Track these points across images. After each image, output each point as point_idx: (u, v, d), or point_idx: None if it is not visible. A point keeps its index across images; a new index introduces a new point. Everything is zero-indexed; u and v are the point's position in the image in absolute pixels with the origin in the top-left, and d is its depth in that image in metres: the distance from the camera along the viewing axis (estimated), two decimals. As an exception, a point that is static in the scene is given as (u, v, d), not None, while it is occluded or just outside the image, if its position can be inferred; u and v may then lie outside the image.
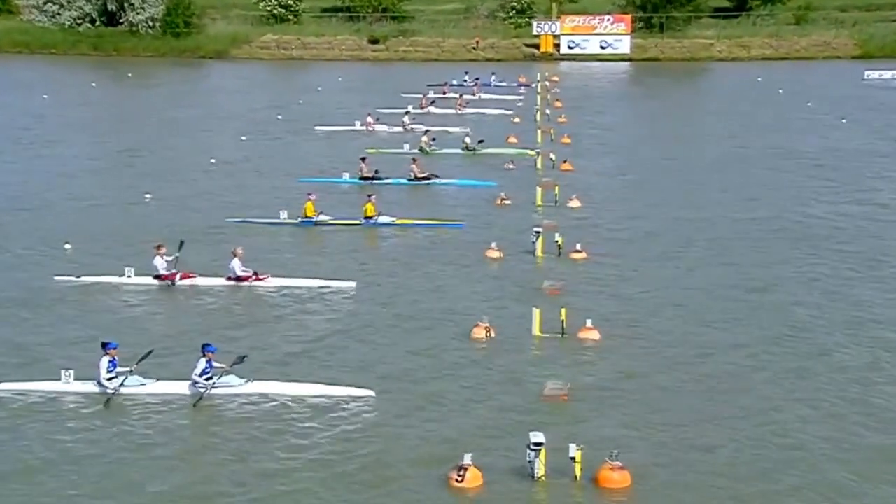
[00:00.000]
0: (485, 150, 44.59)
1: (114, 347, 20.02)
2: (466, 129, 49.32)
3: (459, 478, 16.40)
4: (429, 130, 47.44)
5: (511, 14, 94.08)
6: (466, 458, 16.54)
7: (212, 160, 43.30)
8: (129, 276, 26.73)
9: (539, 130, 50.33)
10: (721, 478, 16.76)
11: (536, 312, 22.82)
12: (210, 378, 19.70)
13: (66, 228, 32.02)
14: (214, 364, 19.82)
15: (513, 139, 47.80)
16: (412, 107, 56.31)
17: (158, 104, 62.85)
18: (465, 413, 19.07)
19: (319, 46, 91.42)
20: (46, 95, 65.64)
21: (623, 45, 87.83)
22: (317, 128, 51.87)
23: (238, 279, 26.47)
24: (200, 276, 26.75)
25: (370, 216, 32.38)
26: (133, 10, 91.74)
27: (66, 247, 29.94)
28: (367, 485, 16.59)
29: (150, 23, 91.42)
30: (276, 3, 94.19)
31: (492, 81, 68.97)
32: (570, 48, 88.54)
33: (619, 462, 16.47)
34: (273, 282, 26.48)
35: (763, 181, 39.50)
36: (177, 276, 26.47)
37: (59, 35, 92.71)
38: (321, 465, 17.19)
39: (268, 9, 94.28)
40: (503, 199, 35.23)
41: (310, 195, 32.95)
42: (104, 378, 19.75)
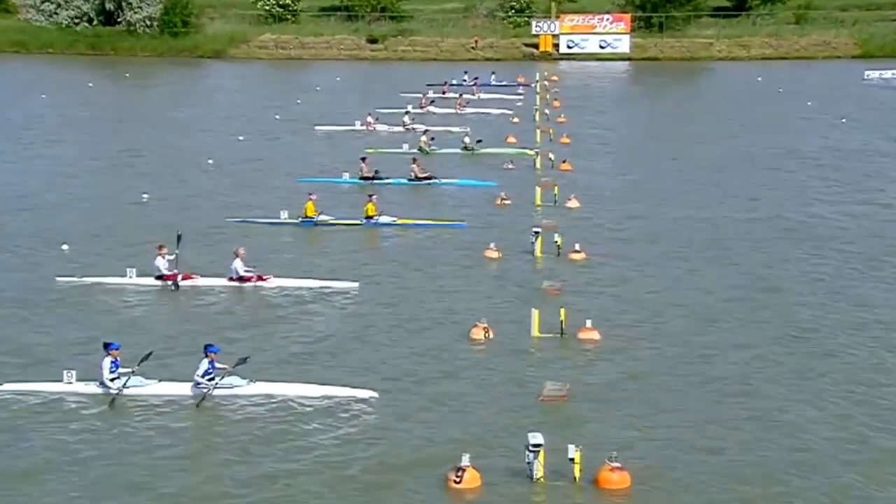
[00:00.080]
0: (484, 150, 44.61)
1: (116, 348, 20.05)
2: (467, 129, 49.35)
3: (457, 479, 16.38)
4: (428, 130, 47.46)
5: (510, 13, 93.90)
6: (465, 459, 16.51)
7: (209, 161, 43.29)
8: (131, 277, 26.75)
9: (538, 130, 50.33)
10: (722, 479, 16.74)
11: (535, 313, 22.84)
12: (213, 379, 19.72)
13: (67, 229, 32.04)
14: (217, 365, 19.85)
15: (512, 139, 47.81)
16: (412, 106, 56.30)
17: (156, 104, 62.78)
18: (464, 414, 19.08)
19: (318, 46, 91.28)
20: (44, 95, 65.61)
21: (622, 45, 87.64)
22: (317, 128, 51.84)
23: (240, 279, 26.49)
24: (202, 277, 26.76)
25: (371, 216, 32.44)
26: (131, 10, 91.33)
27: (64, 247, 29.93)
28: (366, 486, 16.60)
29: (148, 22, 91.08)
30: (275, 3, 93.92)
31: (491, 81, 68.93)
32: (570, 48, 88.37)
33: (619, 463, 16.44)
34: (275, 282, 26.50)
35: (764, 181, 39.48)
36: (178, 277, 26.45)
37: (57, 34, 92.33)
38: (322, 466, 17.21)
39: (266, 8, 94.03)
40: (503, 199, 35.26)
41: (311, 195, 32.98)
42: (107, 379, 19.78)
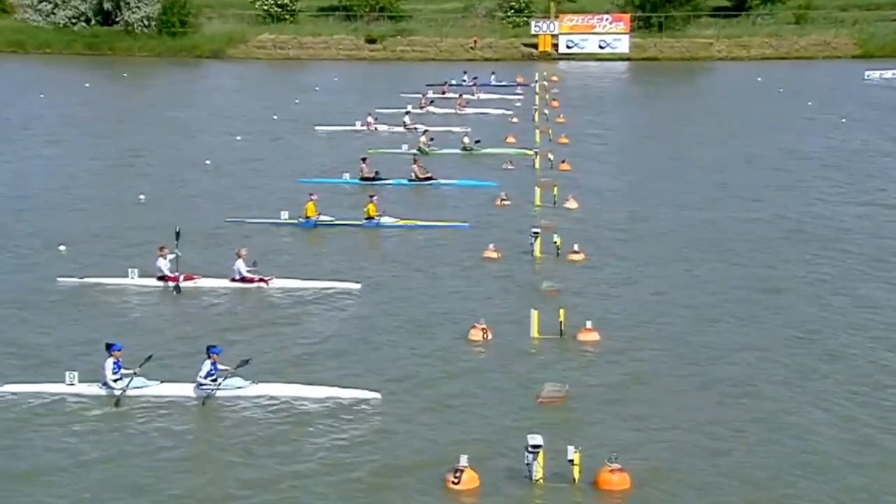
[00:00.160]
0: (483, 150, 44.66)
1: (118, 349, 20.07)
2: (467, 130, 49.37)
3: (456, 480, 16.38)
4: (427, 131, 47.49)
5: (509, 13, 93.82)
6: (463, 460, 16.51)
7: (206, 161, 43.28)
8: (133, 278, 26.75)
9: (537, 130, 50.33)
10: (723, 480, 16.74)
11: (535, 314, 22.85)
12: (216, 380, 19.74)
13: (67, 229, 32.07)
14: (219, 366, 19.87)
15: (511, 139, 47.86)
16: (412, 107, 56.34)
17: (155, 104, 62.70)
18: (464, 415, 19.08)
19: (316, 46, 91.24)
20: (42, 95, 65.58)
21: (622, 45, 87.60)
22: (317, 128, 51.83)
23: (243, 280, 26.51)
24: (204, 278, 26.77)
25: (372, 217, 32.48)
26: (128, 10, 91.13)
27: (61, 248, 29.92)
28: (366, 486, 16.62)
29: (146, 22, 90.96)
30: (273, 3, 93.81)
31: (491, 81, 68.94)
32: (569, 48, 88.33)
33: (619, 464, 16.42)
34: (277, 283, 26.51)
35: (764, 181, 39.45)
36: (180, 278, 26.46)
37: (54, 34, 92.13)
38: (324, 467, 17.24)
39: (264, 8, 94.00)
40: (503, 200, 35.28)
41: (311, 195, 33.02)
42: (111, 379, 19.81)
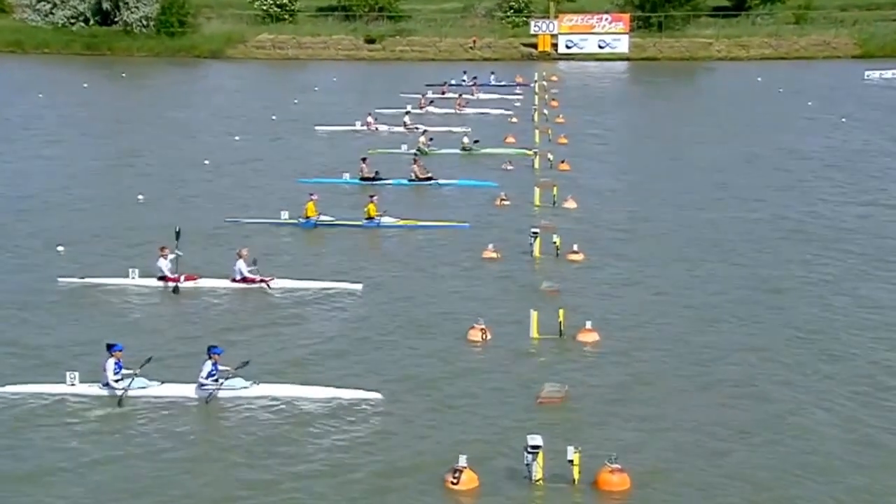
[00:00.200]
0: (483, 150, 44.68)
1: (119, 349, 20.07)
2: (468, 130, 49.38)
3: (454, 480, 16.38)
4: (426, 131, 47.51)
5: (508, 13, 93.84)
6: (462, 461, 16.50)
7: (205, 161, 43.29)
8: (133, 278, 26.75)
9: (537, 130, 50.34)
10: (724, 481, 16.73)
11: (534, 314, 22.86)
12: (217, 380, 19.76)
13: (67, 229, 32.07)
14: (219, 367, 19.88)
15: (511, 139, 47.89)
16: (411, 107, 56.37)
17: (154, 104, 62.70)
18: (464, 415, 19.08)
19: (315, 46, 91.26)
20: (41, 95, 65.57)
21: (621, 45, 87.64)
22: (317, 128, 51.83)
23: (244, 280, 26.51)
24: (204, 278, 26.76)
25: (372, 217, 32.51)
26: (127, 10, 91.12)
27: (59, 249, 29.90)
28: (366, 487, 16.63)
29: (145, 22, 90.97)
30: (272, 3, 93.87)
31: (491, 81, 68.94)
32: (568, 47, 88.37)
33: (619, 465, 16.41)
34: (278, 283, 26.49)
35: (764, 181, 39.43)
36: (181, 278, 26.46)
37: (53, 34, 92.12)
38: (325, 468, 17.27)
39: (263, 8, 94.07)
40: (502, 200, 35.30)
41: (312, 195, 33.03)
42: (112, 380, 19.82)
